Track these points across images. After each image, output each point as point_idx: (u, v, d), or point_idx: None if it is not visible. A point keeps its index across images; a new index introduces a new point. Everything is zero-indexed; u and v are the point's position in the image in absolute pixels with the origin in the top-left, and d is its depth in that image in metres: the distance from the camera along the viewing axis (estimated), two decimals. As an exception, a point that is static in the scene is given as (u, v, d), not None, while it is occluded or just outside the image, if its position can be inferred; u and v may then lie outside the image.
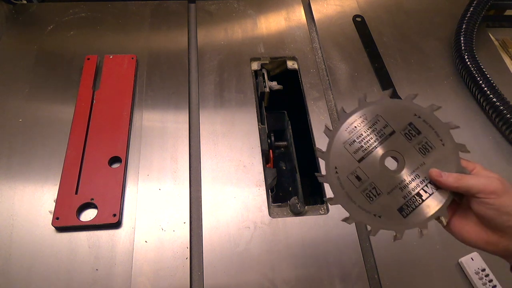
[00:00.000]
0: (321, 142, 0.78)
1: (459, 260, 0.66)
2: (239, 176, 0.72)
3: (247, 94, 0.84)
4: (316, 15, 1.00)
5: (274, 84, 0.89)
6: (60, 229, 0.65)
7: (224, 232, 0.67)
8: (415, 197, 0.45)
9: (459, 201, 0.45)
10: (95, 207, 0.66)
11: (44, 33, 0.90)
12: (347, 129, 0.47)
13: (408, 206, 0.45)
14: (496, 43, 1.02)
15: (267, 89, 0.88)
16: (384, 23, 1.01)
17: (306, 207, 0.70)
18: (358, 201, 0.45)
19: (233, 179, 0.72)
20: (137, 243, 0.64)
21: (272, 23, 0.98)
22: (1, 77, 0.82)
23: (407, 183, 0.45)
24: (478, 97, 0.85)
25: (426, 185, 0.45)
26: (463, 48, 0.89)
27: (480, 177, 0.42)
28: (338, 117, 0.48)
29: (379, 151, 0.46)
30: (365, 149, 0.46)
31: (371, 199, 0.45)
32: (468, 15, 0.94)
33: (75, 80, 0.82)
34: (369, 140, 0.46)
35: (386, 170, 0.46)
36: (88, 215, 0.66)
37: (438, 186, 0.45)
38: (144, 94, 0.82)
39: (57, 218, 0.64)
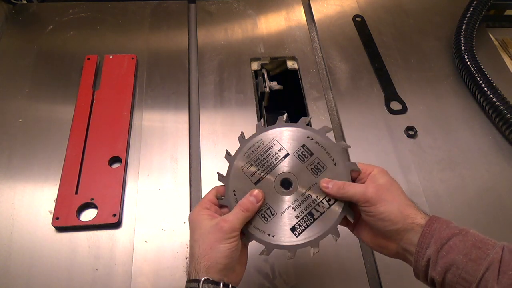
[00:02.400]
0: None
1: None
2: (239, 176, 0.72)
3: (247, 94, 0.84)
4: (316, 15, 1.00)
5: (274, 84, 0.89)
6: (60, 229, 0.65)
7: (224, 232, 0.67)
8: (307, 217, 0.47)
9: (351, 219, 0.47)
10: (95, 207, 0.66)
11: (44, 33, 0.90)
12: (245, 153, 0.49)
13: (300, 225, 0.47)
14: (496, 43, 1.02)
15: (267, 89, 0.88)
16: (384, 23, 1.00)
17: (306, 207, 0.70)
18: (253, 221, 0.47)
19: (233, 179, 0.72)
20: (137, 243, 0.64)
21: (272, 23, 0.98)
22: (1, 77, 0.82)
23: (300, 203, 0.47)
24: (478, 97, 0.85)
25: (318, 205, 0.47)
26: (463, 48, 0.89)
27: (359, 186, 0.44)
28: (239, 143, 0.50)
29: (274, 173, 0.48)
30: (261, 172, 0.48)
31: (266, 219, 0.47)
32: (468, 15, 0.94)
33: (75, 80, 0.82)
34: (265, 164, 0.48)
35: (281, 191, 0.48)
36: (88, 215, 0.66)
37: (329, 205, 0.47)
38: (144, 94, 0.82)
39: (57, 218, 0.64)
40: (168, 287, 0.61)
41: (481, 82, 0.83)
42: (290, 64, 0.91)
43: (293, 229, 0.47)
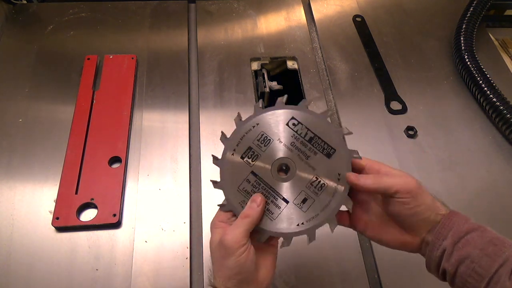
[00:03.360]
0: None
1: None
2: (239, 176, 0.72)
3: (247, 94, 0.84)
4: (316, 15, 1.00)
5: (274, 84, 0.89)
6: (60, 229, 0.65)
7: (224, 232, 0.67)
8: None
9: (349, 210, 0.45)
10: (95, 207, 0.66)
11: (44, 33, 0.90)
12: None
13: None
14: (496, 43, 1.02)
15: (267, 89, 0.88)
16: (384, 23, 1.00)
17: (306, 207, 0.70)
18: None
19: (233, 179, 0.72)
20: (137, 243, 0.64)
21: (272, 23, 0.98)
22: (1, 77, 0.82)
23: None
24: (478, 97, 0.85)
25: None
26: (463, 48, 0.89)
27: (396, 177, 0.42)
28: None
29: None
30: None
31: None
32: (468, 15, 0.94)
33: (75, 80, 0.82)
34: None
35: (279, 178, 0.45)
36: (88, 215, 0.66)
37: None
38: (144, 94, 0.82)
39: (57, 218, 0.64)
40: (168, 287, 0.61)
41: (481, 82, 0.83)
42: (290, 64, 0.91)
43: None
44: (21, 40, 0.89)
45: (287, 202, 0.45)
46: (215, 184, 0.47)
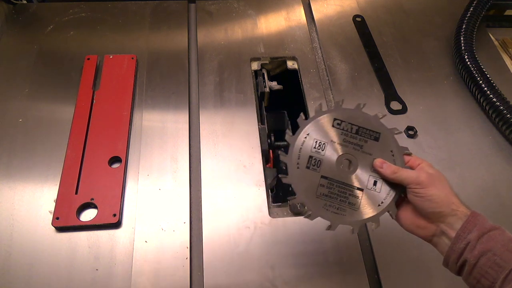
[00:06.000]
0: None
1: (459, 260, 0.66)
2: (239, 176, 0.72)
3: (247, 94, 0.84)
4: (316, 15, 1.00)
5: (274, 84, 0.89)
6: (60, 229, 0.65)
7: (224, 232, 0.67)
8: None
9: (404, 196, 0.51)
10: (95, 207, 0.66)
11: (44, 33, 0.90)
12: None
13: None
14: (496, 43, 1.02)
15: (267, 89, 0.88)
16: (384, 23, 1.00)
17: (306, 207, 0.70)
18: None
19: (233, 179, 0.72)
20: (137, 243, 0.64)
21: (272, 23, 0.98)
22: (1, 77, 0.82)
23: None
24: (478, 97, 0.85)
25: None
26: (463, 48, 0.89)
27: (412, 171, 0.49)
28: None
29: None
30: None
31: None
32: (468, 15, 0.94)
33: (75, 80, 0.82)
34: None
35: (343, 171, 0.51)
36: (88, 215, 0.66)
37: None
38: (144, 94, 0.82)
39: (57, 218, 0.64)
40: (168, 287, 0.61)
41: (481, 82, 0.83)
42: (290, 64, 0.91)
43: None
44: (21, 40, 0.89)
45: (361, 190, 0.50)
46: (294, 199, 0.50)
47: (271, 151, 0.87)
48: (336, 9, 1.03)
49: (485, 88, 0.82)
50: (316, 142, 0.51)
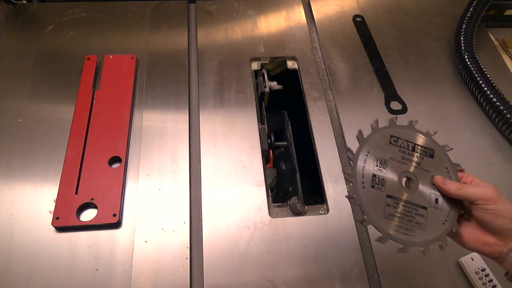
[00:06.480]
0: (321, 142, 0.78)
1: (459, 260, 0.66)
2: (239, 176, 0.72)
3: (247, 94, 0.84)
4: (316, 15, 1.00)
5: (274, 84, 0.89)
6: (60, 229, 0.65)
7: (224, 232, 0.67)
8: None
9: (464, 213, 0.51)
10: (95, 207, 0.66)
11: (44, 33, 0.90)
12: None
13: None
14: (496, 43, 1.02)
15: (267, 89, 0.88)
16: (384, 23, 1.01)
17: (306, 207, 0.70)
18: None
19: (233, 179, 0.72)
20: (137, 243, 0.64)
21: (272, 23, 0.98)
22: (1, 77, 0.82)
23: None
24: (478, 97, 0.85)
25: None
26: (463, 48, 0.89)
27: (477, 187, 0.48)
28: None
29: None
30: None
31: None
32: (468, 15, 0.94)
33: (75, 80, 0.82)
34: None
35: (404, 189, 0.50)
36: (88, 215, 0.66)
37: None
38: (144, 94, 0.82)
39: (57, 218, 0.64)
40: (168, 287, 0.61)
41: (481, 82, 0.83)
42: (290, 64, 0.91)
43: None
44: (21, 40, 0.89)
45: (425, 208, 0.49)
46: (364, 221, 0.48)
47: (271, 151, 0.87)
48: (336, 9, 1.03)
49: (485, 88, 0.82)
50: (377, 160, 0.49)
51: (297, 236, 0.67)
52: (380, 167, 0.49)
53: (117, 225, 0.66)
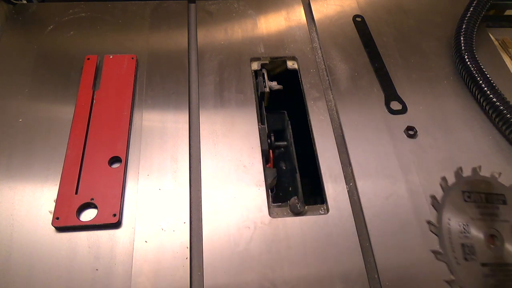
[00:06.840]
0: (321, 142, 0.78)
1: (459, 260, 0.66)
2: (239, 176, 0.73)
3: (247, 94, 0.84)
4: (316, 15, 1.00)
5: (274, 84, 0.89)
6: (60, 229, 0.65)
7: (224, 232, 0.67)
8: None
9: None
10: (95, 207, 0.66)
11: (44, 33, 0.90)
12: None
13: None
14: (496, 43, 1.02)
15: (267, 89, 0.88)
16: (384, 23, 1.01)
17: (306, 207, 0.70)
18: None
19: (233, 179, 0.72)
20: (137, 243, 0.64)
21: (272, 23, 0.98)
22: (1, 77, 0.82)
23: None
24: (478, 97, 0.85)
25: None
26: (463, 48, 0.89)
27: None
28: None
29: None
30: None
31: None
32: (468, 15, 0.94)
33: (75, 80, 0.82)
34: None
35: (498, 250, 0.47)
36: (88, 215, 0.66)
37: None
38: (144, 94, 0.82)
39: (57, 218, 0.64)
40: (168, 287, 0.61)
41: (481, 82, 0.83)
42: (290, 64, 0.91)
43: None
44: (21, 40, 0.89)
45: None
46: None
47: (271, 151, 0.87)
48: (336, 9, 1.03)
49: (485, 88, 0.82)
50: (460, 225, 0.48)
51: (297, 236, 0.67)
52: (464, 232, 0.47)
53: (117, 225, 0.66)
